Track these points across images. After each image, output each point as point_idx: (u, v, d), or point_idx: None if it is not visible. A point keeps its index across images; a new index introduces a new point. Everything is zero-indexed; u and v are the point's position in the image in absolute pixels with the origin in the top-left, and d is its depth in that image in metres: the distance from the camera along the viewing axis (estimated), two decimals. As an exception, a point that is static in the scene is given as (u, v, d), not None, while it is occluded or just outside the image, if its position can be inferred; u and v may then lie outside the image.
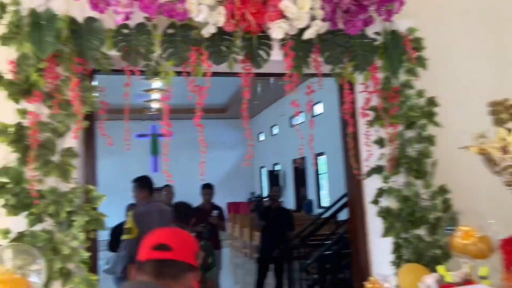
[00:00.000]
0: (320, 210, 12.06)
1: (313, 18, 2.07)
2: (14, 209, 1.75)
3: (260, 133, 19.36)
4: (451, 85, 2.49)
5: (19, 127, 1.80)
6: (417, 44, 2.31)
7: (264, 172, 19.00)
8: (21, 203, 1.75)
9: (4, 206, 1.75)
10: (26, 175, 1.78)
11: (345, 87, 2.23)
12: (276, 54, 2.16)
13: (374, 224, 2.37)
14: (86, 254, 1.80)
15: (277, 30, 2.01)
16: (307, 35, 2.09)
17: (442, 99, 2.33)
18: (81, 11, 1.91)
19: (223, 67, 2.09)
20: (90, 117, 1.97)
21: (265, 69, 2.17)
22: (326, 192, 12.75)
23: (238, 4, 1.92)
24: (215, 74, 2.05)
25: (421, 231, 2.23)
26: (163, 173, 1.99)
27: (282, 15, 2.01)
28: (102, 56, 1.93)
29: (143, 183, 3.93)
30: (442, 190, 2.26)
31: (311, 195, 13.62)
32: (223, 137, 18.01)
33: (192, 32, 2.02)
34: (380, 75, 2.27)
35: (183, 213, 3.26)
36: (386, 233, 2.21)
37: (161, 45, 2.00)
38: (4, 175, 1.75)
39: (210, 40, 2.04)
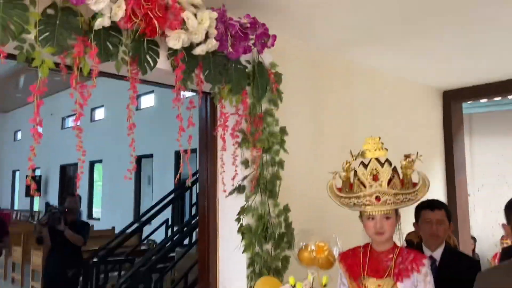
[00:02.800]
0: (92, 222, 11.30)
1: (207, 36, 2.08)
2: None
3: (18, 130, 16.78)
4: (296, 119, 2.89)
5: None
6: (278, 78, 2.59)
7: (18, 176, 16.48)
8: None
9: None
10: None
11: (222, 108, 2.30)
12: (161, 63, 2.05)
13: (225, 241, 2.50)
14: None
15: (175, 40, 1.93)
16: (198, 51, 2.08)
17: (290, 129, 2.67)
18: None
19: (108, 67, 1.85)
20: None
21: (147, 76, 2.03)
22: (98, 202, 12.04)
23: (143, 2, 1.76)
24: (101, 74, 1.80)
25: (269, 246, 2.47)
26: None
27: (181, 26, 1.95)
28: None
29: None
30: (286, 209, 2.57)
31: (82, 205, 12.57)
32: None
33: (77, 18, 1.73)
34: (248, 101, 2.44)
35: None
36: (245, 249, 2.35)
37: (37, 26, 1.64)
38: None
39: (96, 33, 1.78)
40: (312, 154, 2.97)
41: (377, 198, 1.78)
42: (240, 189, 2.42)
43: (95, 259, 4.47)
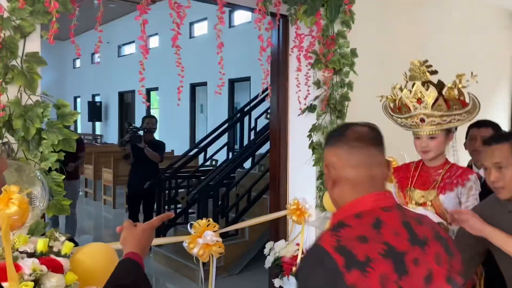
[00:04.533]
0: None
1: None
2: (-33, 122, 1.39)
3: (77, 58, 17.51)
4: (365, 40, 2.92)
5: (-25, 17, 1.39)
6: (351, -1, 2.62)
7: (80, 102, 17.48)
8: (-22, 114, 1.40)
9: (-46, 117, 1.37)
10: (-18, 80, 1.41)
11: (297, 29, 2.40)
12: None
13: (295, 156, 2.72)
14: (60, 177, 1.58)
15: (259, -40, 2.01)
16: (279, -30, 2.14)
17: (359, 51, 2.73)
18: None
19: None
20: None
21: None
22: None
23: None
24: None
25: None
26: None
27: None
28: None
29: None
30: (353, 128, 2.71)
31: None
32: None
33: None
34: (322, 23, 2.51)
35: None
36: (315, 163, 2.56)
37: None
38: (-45, 77, 1.36)
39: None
40: (381, 75, 3.01)
41: (422, 120, 1.84)
42: (311, 108, 2.57)
43: (166, 174, 4.91)
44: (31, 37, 1.54)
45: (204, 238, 2.07)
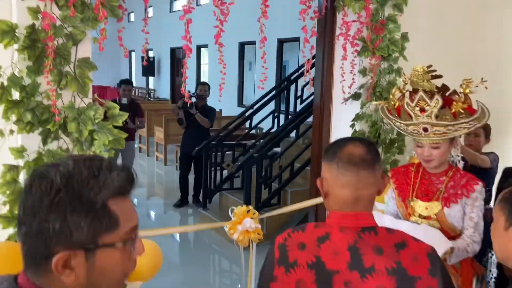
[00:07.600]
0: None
1: None
2: (28, 126, 1.53)
3: (131, 12, 17.76)
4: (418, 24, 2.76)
5: (32, 29, 1.48)
6: (404, -20, 2.47)
7: (134, 56, 17.92)
8: (37, 119, 1.53)
9: (16, 122, 1.51)
10: (40, 87, 1.53)
11: (344, 16, 2.32)
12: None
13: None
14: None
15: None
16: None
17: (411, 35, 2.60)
18: None
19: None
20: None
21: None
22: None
23: None
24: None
25: (379, 150, 2.63)
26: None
27: None
28: None
29: None
30: (399, 116, 2.64)
31: (190, 87, 13.53)
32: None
33: None
34: (371, 7, 2.40)
35: None
36: (357, 152, 2.55)
37: None
38: (16, 86, 1.48)
39: None
40: (434, 61, 2.87)
41: (425, 129, 1.69)
42: (356, 96, 2.53)
43: (213, 142, 5.09)
44: (82, 43, 1.62)
45: (243, 225, 2.17)
